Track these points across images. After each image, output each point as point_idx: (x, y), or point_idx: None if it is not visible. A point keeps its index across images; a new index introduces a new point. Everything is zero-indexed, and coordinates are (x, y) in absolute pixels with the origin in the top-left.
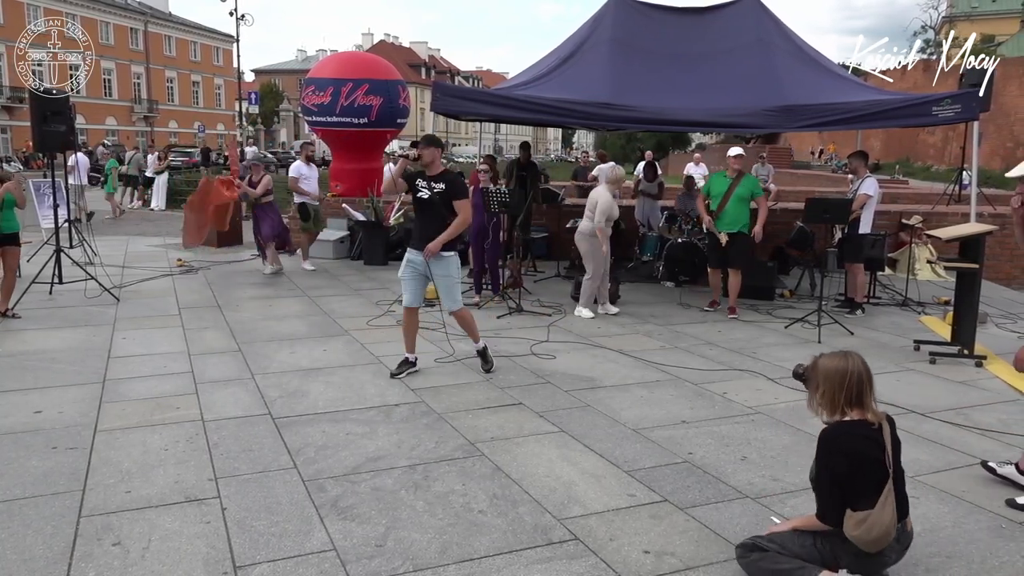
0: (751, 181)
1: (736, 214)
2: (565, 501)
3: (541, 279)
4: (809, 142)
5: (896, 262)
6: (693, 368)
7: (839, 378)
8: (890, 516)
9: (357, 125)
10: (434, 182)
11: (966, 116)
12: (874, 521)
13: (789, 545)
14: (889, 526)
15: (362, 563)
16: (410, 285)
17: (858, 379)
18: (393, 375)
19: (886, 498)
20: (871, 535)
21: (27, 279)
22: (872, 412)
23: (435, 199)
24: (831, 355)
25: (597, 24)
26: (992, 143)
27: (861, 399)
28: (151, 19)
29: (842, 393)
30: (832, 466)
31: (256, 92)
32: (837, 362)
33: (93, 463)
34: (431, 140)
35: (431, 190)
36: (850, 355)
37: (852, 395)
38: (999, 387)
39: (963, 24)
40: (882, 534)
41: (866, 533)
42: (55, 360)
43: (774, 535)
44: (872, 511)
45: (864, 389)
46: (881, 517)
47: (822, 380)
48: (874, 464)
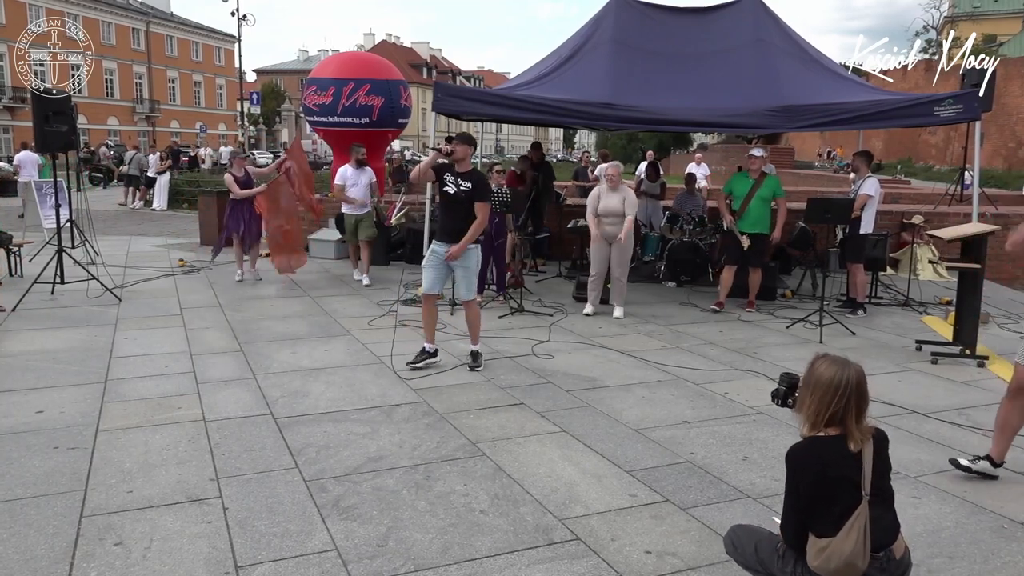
0: (773, 182)
1: (759, 215)
2: (566, 501)
3: (542, 279)
4: (812, 144)
5: (898, 262)
6: (694, 368)
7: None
8: (852, 545)
9: (359, 125)
10: (462, 179)
11: (968, 116)
12: (834, 550)
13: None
14: (852, 556)
15: (363, 563)
16: (430, 273)
17: (848, 396)
18: (410, 364)
19: (852, 526)
20: (830, 565)
21: (29, 279)
22: (854, 433)
23: (461, 196)
24: (831, 361)
25: (598, 24)
26: (994, 143)
27: (844, 419)
28: (153, 19)
29: (827, 409)
30: (796, 485)
31: (258, 92)
32: (833, 372)
33: (95, 463)
34: (466, 138)
35: (458, 187)
36: (848, 366)
37: (839, 412)
38: (1001, 387)
39: (965, 24)
40: (842, 566)
41: (825, 563)
42: (57, 360)
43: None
44: (833, 539)
45: (850, 409)
46: (842, 547)
47: (812, 387)
48: (844, 486)
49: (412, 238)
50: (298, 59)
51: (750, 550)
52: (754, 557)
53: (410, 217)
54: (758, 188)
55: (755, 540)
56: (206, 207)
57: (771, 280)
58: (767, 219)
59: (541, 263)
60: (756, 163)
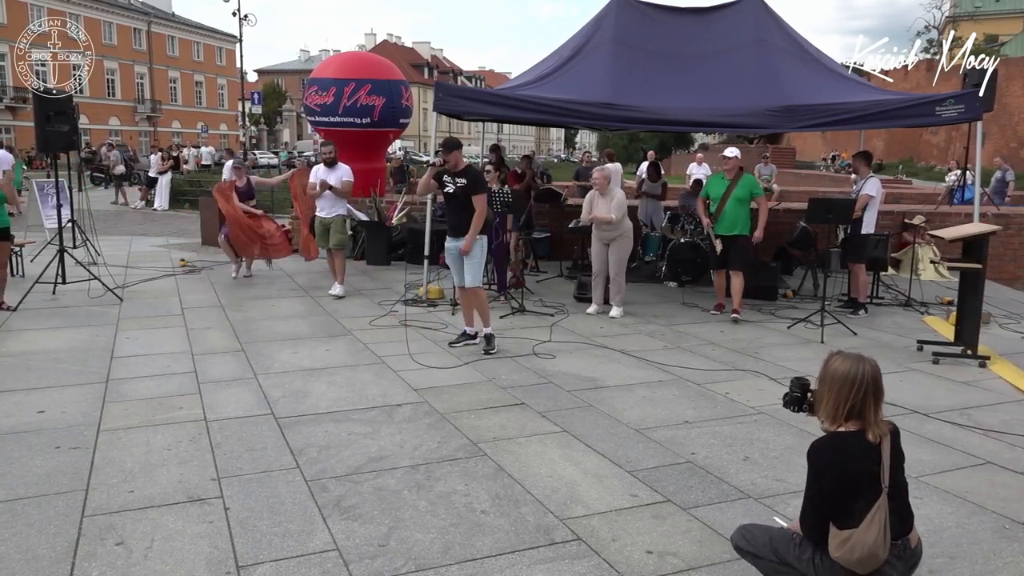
0: (749, 181)
1: (734, 216)
2: (567, 501)
3: (543, 279)
4: (814, 144)
5: (899, 262)
6: (696, 368)
7: (844, 384)
8: (875, 536)
9: (360, 125)
10: (458, 177)
11: (969, 116)
12: (856, 541)
13: (783, 552)
14: (874, 547)
15: (365, 563)
16: (453, 267)
17: (865, 389)
18: (452, 344)
19: (873, 517)
20: (853, 556)
21: (31, 279)
22: (873, 426)
23: (459, 192)
24: (845, 357)
25: (599, 24)
26: (995, 143)
27: (863, 411)
28: (154, 19)
29: (846, 402)
30: (818, 479)
31: (259, 92)
32: (848, 366)
33: (96, 463)
34: (451, 144)
35: (455, 184)
36: (864, 361)
37: (856, 405)
38: (1002, 387)
39: (966, 24)
40: (865, 556)
41: (848, 554)
42: (58, 360)
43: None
44: (856, 530)
45: (868, 401)
46: (864, 537)
47: (829, 383)
48: (866, 479)
49: (413, 238)
50: (299, 59)
51: (763, 541)
52: (768, 547)
53: (411, 217)
54: (733, 188)
55: (768, 533)
56: (207, 207)
57: (772, 280)
58: (744, 220)
59: (532, 265)
60: (730, 163)
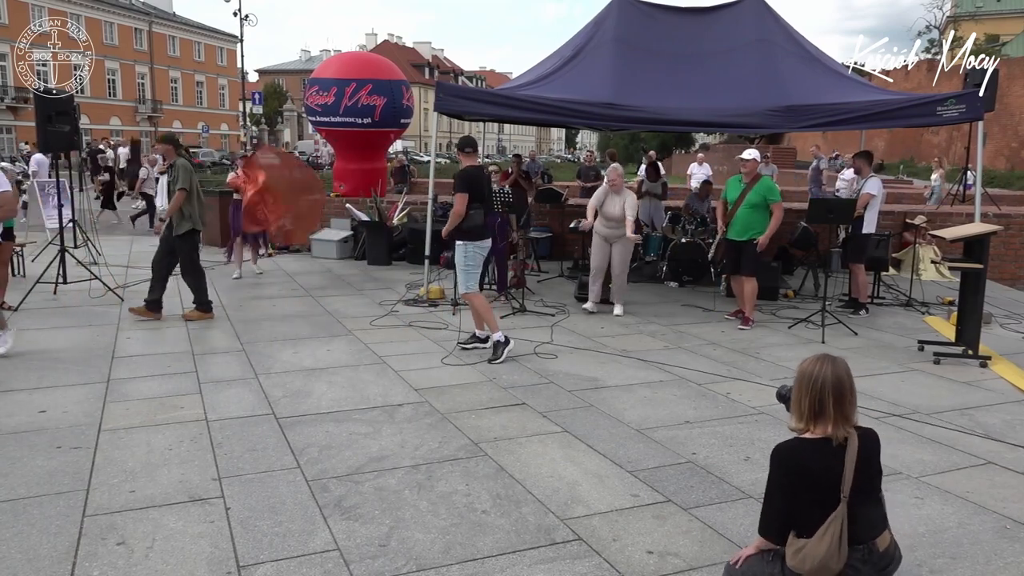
0: (764, 186)
1: (747, 221)
2: (568, 501)
3: (544, 279)
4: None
5: (900, 262)
6: (696, 368)
7: (805, 383)
8: (826, 548)
9: (361, 125)
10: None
11: (970, 116)
12: (808, 553)
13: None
14: (826, 559)
15: (365, 563)
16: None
17: (823, 387)
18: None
19: (827, 529)
20: (805, 567)
21: (32, 279)
22: (836, 428)
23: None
24: (814, 357)
25: (600, 24)
26: (997, 143)
27: (823, 411)
28: (155, 19)
29: (806, 401)
30: (777, 482)
31: (260, 92)
32: (810, 365)
33: (97, 462)
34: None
35: None
36: (829, 361)
37: (816, 405)
38: (1003, 387)
39: (967, 24)
40: (816, 567)
41: (800, 564)
42: (59, 360)
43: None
44: (809, 541)
45: (827, 401)
46: (816, 550)
47: (796, 382)
48: (823, 489)
49: (414, 238)
50: (300, 59)
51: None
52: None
53: (412, 217)
54: (747, 192)
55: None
56: (208, 208)
57: (773, 280)
58: (758, 224)
59: (532, 265)
60: (748, 166)
